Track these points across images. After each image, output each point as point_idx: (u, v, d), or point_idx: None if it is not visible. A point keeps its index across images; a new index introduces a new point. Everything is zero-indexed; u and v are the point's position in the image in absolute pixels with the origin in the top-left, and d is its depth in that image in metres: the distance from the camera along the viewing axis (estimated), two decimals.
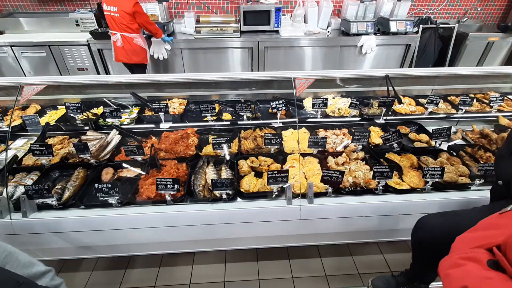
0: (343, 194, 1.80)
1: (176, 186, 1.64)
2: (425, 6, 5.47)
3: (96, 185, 1.60)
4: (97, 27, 4.69)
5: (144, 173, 1.97)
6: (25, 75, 4.73)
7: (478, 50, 5.12)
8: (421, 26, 4.93)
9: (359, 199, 1.74)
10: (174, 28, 4.89)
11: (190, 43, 4.60)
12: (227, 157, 2.09)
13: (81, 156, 2.00)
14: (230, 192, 1.71)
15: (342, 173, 1.69)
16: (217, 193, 1.70)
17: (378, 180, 1.74)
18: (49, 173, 2.02)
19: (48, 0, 4.97)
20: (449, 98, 2.89)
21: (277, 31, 4.83)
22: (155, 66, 4.43)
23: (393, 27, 4.59)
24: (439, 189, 1.84)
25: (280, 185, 1.73)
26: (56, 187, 1.81)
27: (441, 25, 5.12)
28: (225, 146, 2.04)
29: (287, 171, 1.71)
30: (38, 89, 1.87)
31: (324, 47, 4.72)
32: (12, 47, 4.46)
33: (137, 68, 4.23)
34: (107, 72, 4.82)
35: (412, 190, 1.83)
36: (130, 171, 1.99)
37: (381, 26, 4.78)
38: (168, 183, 1.64)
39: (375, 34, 4.64)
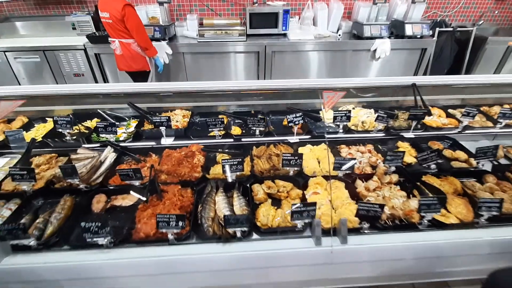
0: (379, 229, 1.50)
1: (180, 224, 1.35)
2: (439, 9, 5.20)
3: (82, 224, 1.31)
4: (94, 31, 4.44)
5: (143, 200, 1.68)
6: (19, 82, 4.46)
7: (497, 54, 4.84)
8: (437, 29, 4.65)
9: (401, 237, 1.45)
10: (176, 32, 4.63)
11: (192, 47, 4.34)
12: (233, 178, 1.79)
13: (69, 180, 1.71)
14: (246, 230, 1.42)
15: (382, 206, 1.40)
16: (230, 230, 1.41)
17: (424, 213, 1.45)
18: (31, 201, 1.73)
19: (44, 3, 4.71)
20: (481, 108, 2.61)
21: (284, 35, 4.56)
22: (155, 72, 4.15)
23: (408, 30, 4.32)
24: (491, 221, 1.54)
25: (306, 221, 1.43)
26: (37, 221, 1.52)
27: (458, 28, 4.85)
28: (235, 169, 1.74)
29: (314, 204, 1.42)
30: (15, 105, 1.58)
31: (335, 52, 4.45)
32: (5, 52, 4.20)
33: (138, 76, 3.95)
34: (104, 78, 4.55)
35: (458, 223, 1.53)
36: (126, 199, 1.70)
37: (395, 29, 4.51)
38: (171, 220, 1.34)
39: (389, 37, 4.37)
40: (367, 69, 4.70)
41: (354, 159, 1.75)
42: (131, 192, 1.73)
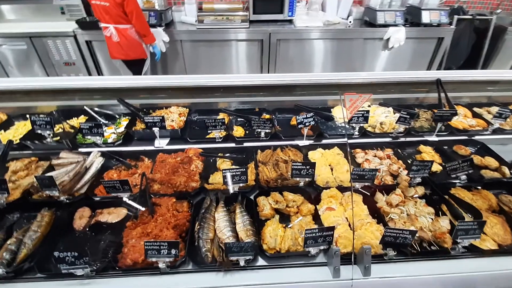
0: (405, 255, 1.29)
1: (173, 252, 1.14)
2: None
3: (56, 253, 1.09)
4: (85, 16, 4.11)
5: (132, 215, 1.47)
6: (6, 72, 4.18)
7: None
8: (455, 16, 4.31)
9: (431, 267, 1.24)
10: (173, 17, 4.30)
11: (191, 35, 4.02)
12: (235, 189, 1.56)
13: (47, 192, 1.49)
14: (251, 258, 1.21)
15: (413, 233, 1.18)
16: (232, 257, 1.20)
17: (461, 239, 1.23)
18: (5, 215, 1.52)
19: None
20: (510, 107, 2.35)
21: (290, 21, 4.24)
22: (152, 61, 3.86)
23: (425, 17, 3.99)
24: None
25: (322, 248, 1.22)
26: (8, 242, 1.31)
27: (478, 17, 4.50)
28: (238, 180, 1.52)
29: (332, 228, 1.20)
30: None
31: (344, 40, 4.13)
32: None
33: (134, 65, 3.66)
34: (97, 67, 4.26)
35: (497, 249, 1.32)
36: (113, 214, 1.49)
37: (410, 16, 4.17)
38: (162, 247, 1.13)
39: (403, 25, 4.04)
40: (378, 59, 4.40)
41: (376, 170, 1.52)
42: (126, 201, 1.52)
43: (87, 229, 1.44)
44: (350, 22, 4.08)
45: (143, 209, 1.48)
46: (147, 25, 3.35)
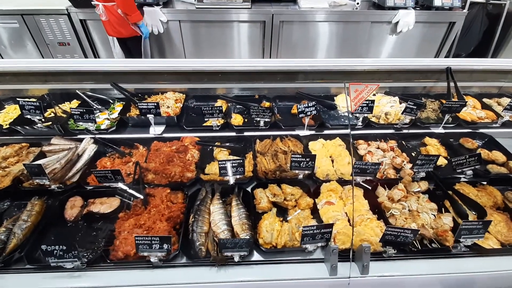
0: (405, 253, 1.25)
1: (165, 246, 1.10)
2: None
3: (43, 247, 1.06)
4: None
5: (125, 206, 1.43)
6: None
7: None
8: (468, 0, 4.08)
9: (432, 266, 1.20)
10: None
11: (190, 15, 3.84)
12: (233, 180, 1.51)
13: (37, 181, 1.44)
14: (246, 254, 1.17)
15: (415, 232, 1.13)
16: (227, 253, 1.16)
17: (464, 239, 1.18)
18: None
19: None
20: None
21: (295, 1, 4.03)
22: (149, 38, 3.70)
23: (437, 0, 3.76)
24: None
25: (320, 245, 1.18)
26: None
27: (491, 1, 4.26)
28: (234, 171, 1.46)
29: (331, 226, 1.15)
30: None
31: (351, 23, 3.94)
32: None
33: (130, 42, 3.51)
34: (93, 47, 4.11)
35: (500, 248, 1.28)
36: (105, 204, 1.44)
37: None
38: (153, 242, 1.09)
39: (414, 8, 3.83)
40: (385, 45, 4.21)
41: (379, 164, 1.45)
42: (120, 189, 1.47)
43: (79, 219, 1.41)
44: (357, 3, 3.88)
45: (138, 198, 1.44)
46: (130, 3, 3.12)
